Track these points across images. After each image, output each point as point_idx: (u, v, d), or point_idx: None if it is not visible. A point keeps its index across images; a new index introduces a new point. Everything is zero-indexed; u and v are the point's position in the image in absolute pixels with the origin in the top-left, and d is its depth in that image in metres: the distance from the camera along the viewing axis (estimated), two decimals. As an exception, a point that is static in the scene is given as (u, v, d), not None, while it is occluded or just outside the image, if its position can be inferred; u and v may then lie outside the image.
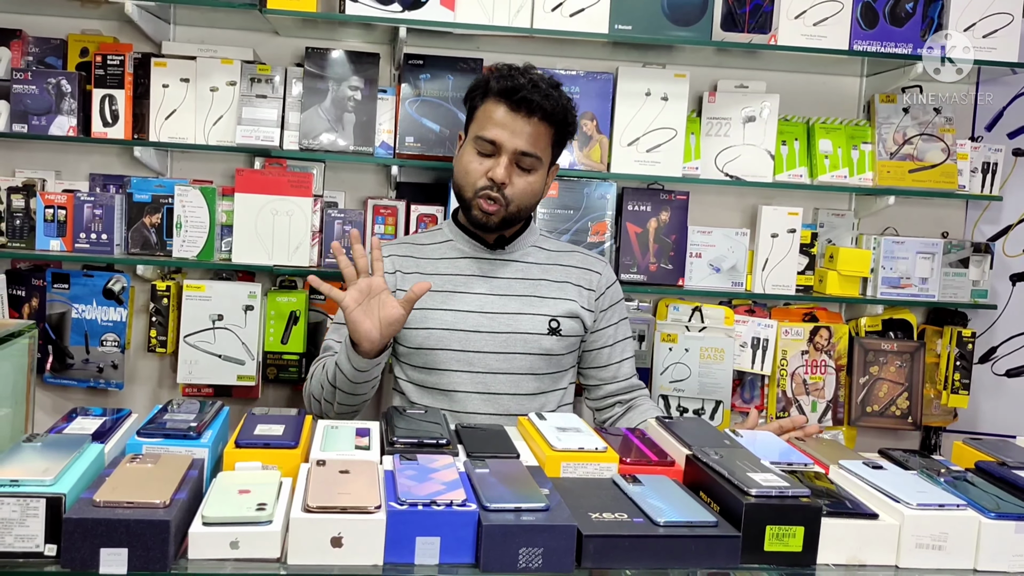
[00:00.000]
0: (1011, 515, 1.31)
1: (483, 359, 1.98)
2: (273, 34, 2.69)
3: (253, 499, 1.19)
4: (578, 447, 1.46)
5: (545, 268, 2.06)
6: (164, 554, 1.10)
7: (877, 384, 2.77)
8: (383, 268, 1.83)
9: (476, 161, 1.95)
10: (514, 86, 1.91)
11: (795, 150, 2.70)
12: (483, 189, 1.93)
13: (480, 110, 1.96)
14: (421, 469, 1.31)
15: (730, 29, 2.51)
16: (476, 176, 1.94)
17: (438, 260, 2.04)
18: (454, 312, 1.98)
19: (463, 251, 2.05)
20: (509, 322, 1.99)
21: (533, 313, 2.00)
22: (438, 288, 1.99)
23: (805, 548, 1.25)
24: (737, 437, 1.60)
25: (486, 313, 1.99)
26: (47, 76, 2.55)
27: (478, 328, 1.98)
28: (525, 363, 2.00)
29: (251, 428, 1.43)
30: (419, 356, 1.99)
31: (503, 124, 1.91)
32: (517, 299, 2.01)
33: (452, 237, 2.08)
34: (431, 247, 2.07)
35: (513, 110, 1.91)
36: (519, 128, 1.92)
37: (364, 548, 1.15)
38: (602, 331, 2.10)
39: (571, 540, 1.18)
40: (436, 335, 1.97)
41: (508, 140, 1.91)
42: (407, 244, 2.09)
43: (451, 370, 1.98)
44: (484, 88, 1.96)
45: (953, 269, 2.77)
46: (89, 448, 1.30)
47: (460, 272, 2.02)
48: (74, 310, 2.61)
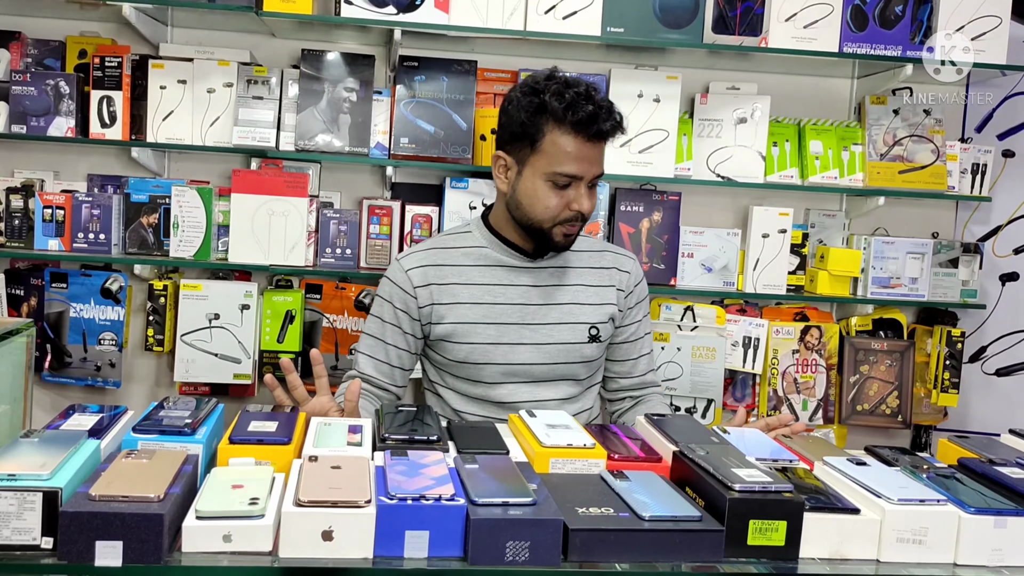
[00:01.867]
0: (990, 510, 1.33)
1: (528, 370, 1.98)
2: (270, 36, 2.72)
3: (246, 494, 1.21)
4: (567, 443, 1.49)
5: (580, 273, 2.04)
6: (158, 547, 1.12)
7: (867, 383, 2.80)
8: (326, 383, 1.77)
9: (555, 196, 1.86)
10: (587, 117, 1.82)
11: (786, 151, 2.73)
12: (567, 221, 1.89)
13: (546, 141, 1.84)
14: (411, 465, 1.34)
15: (721, 31, 2.54)
16: (557, 210, 1.87)
17: (471, 268, 1.99)
18: (497, 325, 1.96)
19: (498, 259, 2.00)
20: (551, 333, 1.98)
21: (574, 323, 1.99)
22: (476, 300, 1.96)
23: (788, 542, 1.28)
24: (724, 434, 1.62)
25: (527, 324, 1.97)
26: (46, 78, 2.57)
27: (521, 340, 1.96)
28: (568, 370, 2.00)
29: (245, 425, 1.46)
30: (462, 369, 1.98)
31: (581, 157, 1.84)
32: (557, 308, 1.99)
33: (485, 244, 2.01)
34: (461, 252, 2.01)
35: (587, 141, 1.84)
36: (594, 156, 1.87)
37: (354, 541, 1.17)
38: (625, 327, 2.09)
39: (557, 534, 1.20)
40: (480, 349, 1.95)
41: (587, 171, 1.86)
42: (436, 250, 2.01)
43: (496, 382, 1.98)
44: (545, 115, 1.84)
45: (943, 269, 2.80)
46: (85, 444, 1.33)
47: (498, 282, 1.98)
48: (72, 309, 2.63)
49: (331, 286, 2.72)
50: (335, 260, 2.64)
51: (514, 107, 1.88)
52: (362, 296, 2.71)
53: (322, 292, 2.71)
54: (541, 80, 1.87)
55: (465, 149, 2.60)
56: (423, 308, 1.96)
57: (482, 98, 2.68)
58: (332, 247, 2.64)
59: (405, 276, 1.97)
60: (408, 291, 1.96)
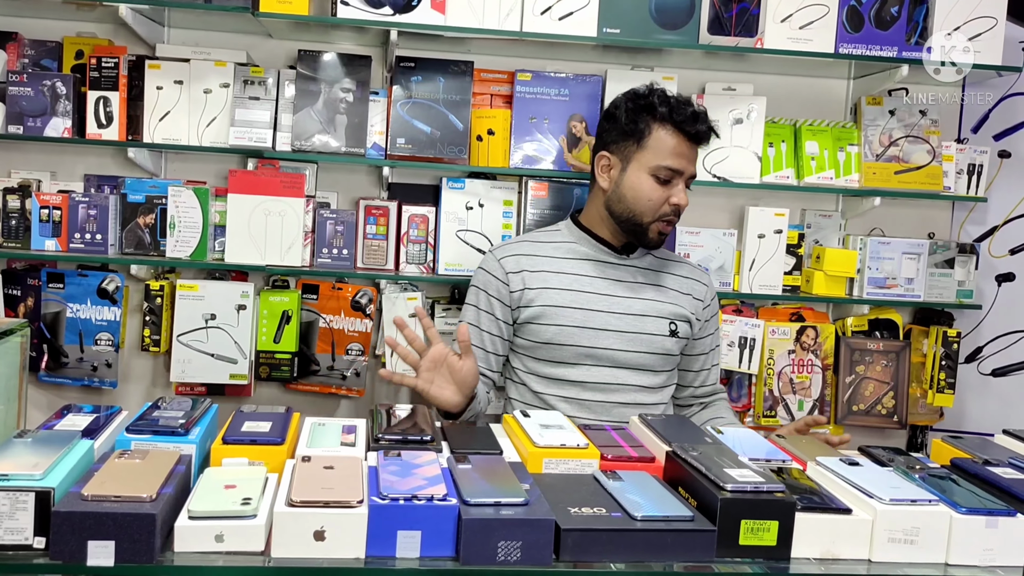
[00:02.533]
0: (982, 510, 1.34)
1: (610, 355, 2.10)
2: (266, 37, 2.72)
3: (239, 494, 1.22)
4: (560, 444, 1.50)
5: (660, 275, 2.20)
6: (150, 546, 1.13)
7: (863, 383, 2.80)
8: (436, 333, 1.89)
9: (657, 189, 2.07)
10: (690, 117, 2.06)
11: (782, 152, 2.73)
12: (666, 215, 2.09)
13: (652, 138, 2.07)
14: (404, 465, 1.34)
15: (717, 32, 2.54)
16: (659, 203, 2.07)
17: (561, 259, 2.16)
18: (583, 311, 2.10)
19: (586, 253, 2.17)
20: (634, 322, 2.11)
21: (656, 316, 2.13)
22: (565, 287, 2.12)
23: (779, 542, 1.28)
24: (719, 435, 1.63)
25: (613, 313, 2.11)
26: (43, 78, 2.57)
27: (606, 327, 2.10)
28: (648, 360, 2.13)
29: (239, 425, 1.46)
30: (546, 350, 2.11)
31: (682, 154, 2.07)
32: (640, 301, 2.14)
33: (574, 240, 2.20)
34: (552, 246, 2.19)
35: (690, 140, 2.07)
36: (693, 155, 2.10)
37: (346, 541, 1.18)
38: (701, 340, 2.24)
39: (549, 533, 1.21)
40: (566, 331, 2.09)
41: (687, 167, 2.08)
42: (528, 243, 2.21)
43: (579, 364, 2.10)
44: (651, 115, 2.07)
45: (939, 270, 2.80)
46: (79, 444, 1.33)
47: (585, 273, 2.14)
48: (69, 309, 2.63)
49: (328, 286, 2.72)
50: (332, 260, 2.64)
51: (621, 110, 2.12)
52: (359, 296, 2.71)
53: (319, 292, 2.71)
54: (646, 88, 2.13)
55: (462, 149, 2.60)
56: (514, 293, 2.13)
57: (478, 99, 2.68)
58: (329, 247, 2.64)
59: (498, 264, 2.15)
60: (501, 278, 2.14)
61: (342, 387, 2.73)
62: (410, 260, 2.67)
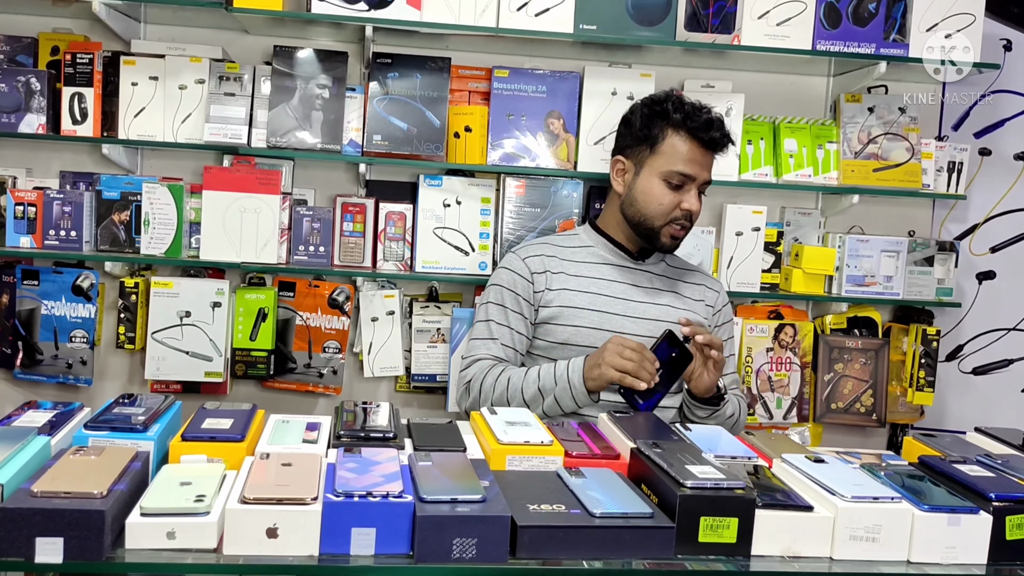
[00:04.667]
0: (944, 507, 1.33)
1: None
2: (242, 33, 2.70)
3: (193, 491, 1.21)
4: (524, 440, 1.49)
5: (674, 282, 2.24)
6: (99, 543, 1.11)
7: (842, 381, 2.79)
8: None
9: (668, 194, 2.11)
10: (704, 124, 2.10)
11: (760, 149, 2.72)
12: (677, 220, 2.12)
13: (665, 144, 2.11)
14: (363, 462, 1.33)
15: (694, 29, 2.53)
16: (669, 208, 2.11)
17: (580, 263, 2.19)
18: (600, 313, 2.12)
19: (604, 257, 2.21)
20: (650, 327, 2.12)
21: (671, 321, 2.12)
22: (583, 289, 2.15)
23: (739, 539, 1.28)
24: (686, 431, 1.62)
25: (629, 317, 2.14)
26: (17, 74, 2.55)
27: (621, 330, 2.10)
28: None
29: (199, 422, 1.45)
30: (561, 351, 2.12)
31: (694, 160, 2.10)
32: (655, 307, 2.17)
33: (592, 244, 2.23)
34: (572, 250, 2.22)
35: (703, 146, 2.11)
36: (707, 162, 2.14)
37: (299, 539, 1.17)
38: None
39: (505, 531, 1.20)
40: (583, 332, 2.11)
41: (699, 173, 2.11)
42: (549, 245, 2.25)
43: None
44: (665, 120, 2.12)
45: (918, 268, 2.79)
46: (34, 440, 1.32)
47: (602, 276, 2.18)
48: (43, 306, 2.62)
49: (304, 284, 2.71)
50: (308, 258, 2.63)
51: (636, 116, 2.17)
52: (336, 294, 2.70)
53: (295, 290, 2.70)
54: (662, 95, 2.17)
55: (439, 147, 2.59)
56: (537, 293, 2.16)
57: (456, 95, 2.67)
58: (305, 244, 2.62)
59: (524, 264, 2.19)
60: (527, 277, 2.17)
61: (319, 385, 2.72)
62: (387, 257, 2.66)
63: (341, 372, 2.72)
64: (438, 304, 2.75)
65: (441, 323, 2.73)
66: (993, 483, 1.42)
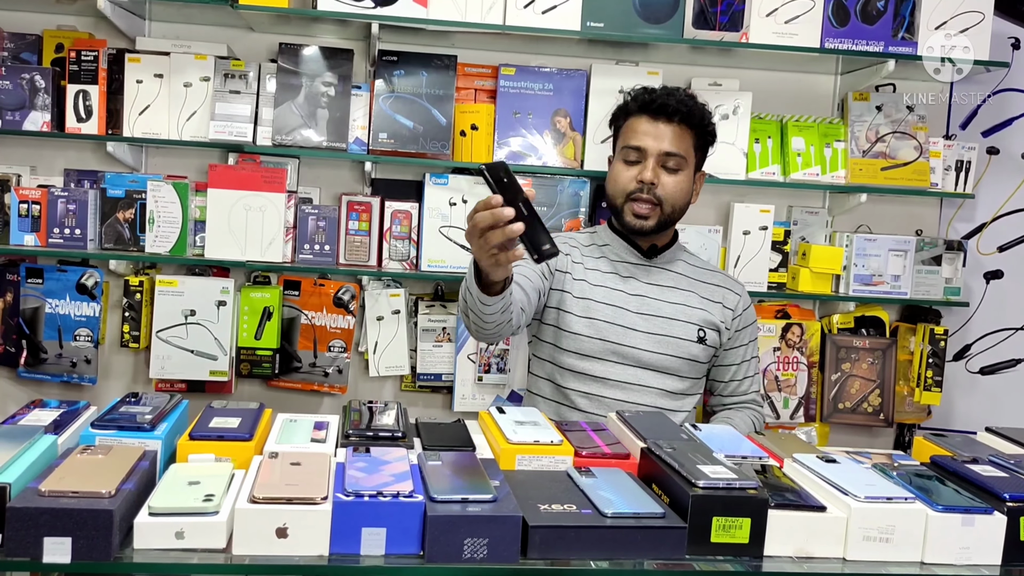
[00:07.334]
0: (958, 508, 1.32)
1: (636, 354, 2.09)
2: (248, 30, 2.69)
3: (201, 490, 1.20)
4: (533, 440, 1.48)
5: (692, 281, 2.19)
6: (108, 543, 1.10)
7: (849, 381, 2.78)
8: None
9: (624, 170, 2.10)
10: (651, 98, 2.09)
11: (768, 148, 2.71)
12: (634, 193, 2.07)
13: (624, 128, 2.14)
14: (372, 461, 1.32)
15: (702, 27, 2.52)
16: (625, 182, 2.09)
17: (597, 259, 2.18)
18: (614, 307, 2.10)
19: (619, 255, 2.18)
20: (663, 325, 2.11)
21: (685, 320, 2.13)
22: (599, 283, 2.13)
23: (752, 540, 1.26)
24: (696, 431, 1.61)
25: (643, 314, 2.11)
26: (21, 71, 2.55)
27: (635, 326, 2.10)
28: (674, 364, 2.12)
29: (207, 421, 1.44)
30: (573, 340, 2.10)
31: (646, 132, 2.08)
32: (670, 305, 2.14)
33: (608, 242, 2.21)
34: (589, 248, 2.21)
35: (653, 118, 2.08)
36: (661, 132, 2.07)
37: (309, 539, 1.16)
38: (733, 350, 2.21)
39: (516, 531, 1.18)
40: (596, 325, 2.09)
41: (652, 144, 2.07)
42: (572, 237, 2.25)
43: (604, 359, 2.09)
44: (624, 109, 2.15)
45: (926, 267, 2.78)
46: (41, 439, 1.31)
47: (618, 272, 2.16)
48: (48, 305, 2.61)
49: (309, 282, 2.70)
50: (313, 256, 2.62)
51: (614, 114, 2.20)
52: (341, 293, 2.69)
53: (300, 289, 2.69)
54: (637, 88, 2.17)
55: (444, 145, 2.58)
56: (559, 271, 2.13)
57: (462, 93, 2.66)
58: (311, 243, 2.61)
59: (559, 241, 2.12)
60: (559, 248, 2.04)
61: (324, 384, 2.71)
62: (393, 256, 2.65)
63: (346, 371, 2.71)
64: (444, 303, 2.74)
65: (447, 322, 2.72)
66: (1006, 483, 1.41)
